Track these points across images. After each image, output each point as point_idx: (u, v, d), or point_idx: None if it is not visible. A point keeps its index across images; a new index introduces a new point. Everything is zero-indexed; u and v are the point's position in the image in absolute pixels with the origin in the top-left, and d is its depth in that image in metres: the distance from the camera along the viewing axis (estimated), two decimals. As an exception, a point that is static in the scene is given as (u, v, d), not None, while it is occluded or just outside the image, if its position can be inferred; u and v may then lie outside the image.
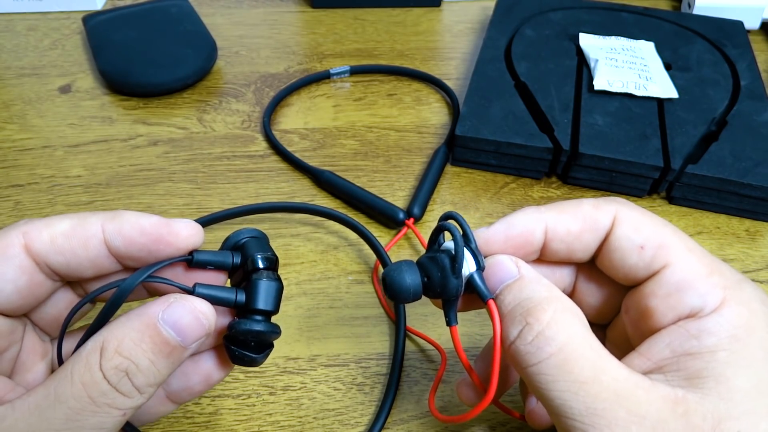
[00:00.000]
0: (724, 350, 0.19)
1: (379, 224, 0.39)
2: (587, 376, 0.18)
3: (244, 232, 0.23)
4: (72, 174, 0.42)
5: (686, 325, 0.20)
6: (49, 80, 0.50)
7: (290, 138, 0.45)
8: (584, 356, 0.19)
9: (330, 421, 0.30)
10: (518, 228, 0.22)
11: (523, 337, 0.19)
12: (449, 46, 0.55)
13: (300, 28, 0.57)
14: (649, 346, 0.20)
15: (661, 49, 0.48)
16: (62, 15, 0.58)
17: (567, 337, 0.19)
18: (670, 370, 0.19)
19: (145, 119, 0.47)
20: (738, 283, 0.20)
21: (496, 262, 0.22)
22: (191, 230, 0.22)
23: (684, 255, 0.21)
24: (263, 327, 0.22)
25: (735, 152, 0.39)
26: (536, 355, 0.19)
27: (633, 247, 0.21)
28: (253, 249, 0.23)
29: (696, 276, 0.20)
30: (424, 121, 0.47)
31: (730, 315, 0.19)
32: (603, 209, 0.22)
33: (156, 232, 0.21)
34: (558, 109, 0.42)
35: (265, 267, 0.22)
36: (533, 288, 0.20)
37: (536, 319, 0.19)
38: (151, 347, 0.19)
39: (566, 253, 0.23)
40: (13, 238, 0.20)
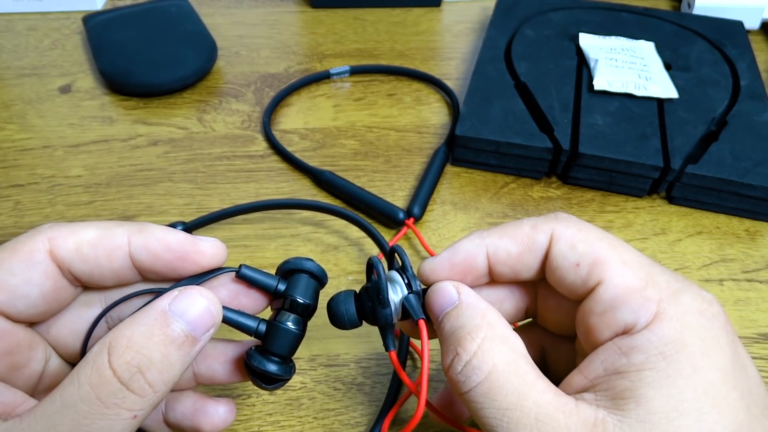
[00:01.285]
0: (650, 369, 0.19)
1: (379, 224, 0.39)
2: (510, 403, 0.19)
3: (304, 264, 0.23)
4: (72, 174, 0.42)
5: (619, 342, 0.20)
6: (49, 80, 0.50)
7: (290, 138, 0.45)
8: (508, 383, 0.19)
9: (330, 421, 0.30)
10: (461, 255, 0.23)
11: (453, 366, 0.20)
12: (449, 46, 0.55)
13: (300, 28, 0.57)
14: (587, 364, 0.20)
15: (661, 49, 0.48)
16: (62, 15, 0.58)
17: (492, 365, 0.20)
18: (600, 389, 0.19)
19: (145, 119, 0.47)
20: (674, 294, 0.20)
21: (438, 289, 0.22)
22: (216, 249, 0.22)
23: (618, 270, 0.20)
24: (272, 369, 0.22)
25: (735, 152, 0.39)
26: (466, 383, 0.20)
27: (569, 265, 0.21)
28: (298, 288, 0.23)
29: (629, 291, 0.20)
30: (424, 121, 0.47)
31: (660, 330, 0.19)
32: (540, 229, 0.22)
33: (182, 250, 0.21)
34: (558, 109, 0.42)
35: (296, 311, 0.23)
36: (468, 315, 0.21)
37: (464, 348, 0.20)
38: (162, 339, 0.19)
39: (512, 274, 0.23)
40: (38, 243, 0.21)
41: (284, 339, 0.22)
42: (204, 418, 0.24)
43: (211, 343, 0.24)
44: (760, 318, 0.34)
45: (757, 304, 0.35)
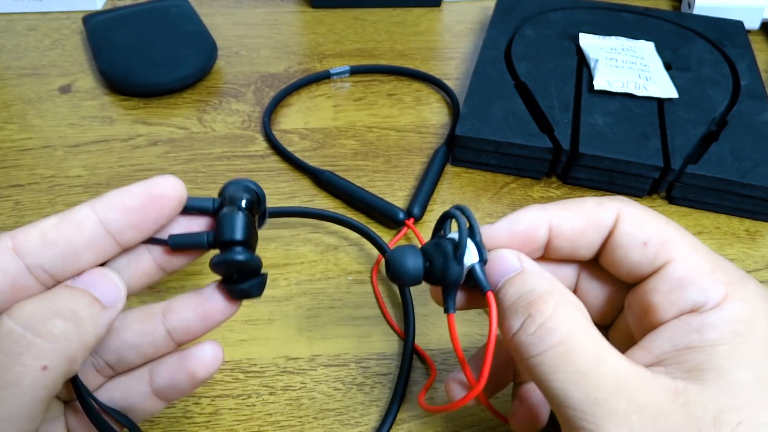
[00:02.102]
0: (725, 344, 0.19)
1: (379, 224, 0.39)
2: (588, 367, 0.19)
3: (233, 182, 0.22)
4: (72, 174, 0.42)
5: (688, 319, 0.20)
6: (49, 80, 0.50)
7: (290, 138, 0.45)
8: (586, 347, 0.19)
9: (330, 421, 0.30)
10: (523, 224, 0.22)
11: (525, 328, 0.20)
12: (449, 46, 0.55)
13: (300, 28, 0.57)
14: (651, 340, 0.20)
15: (661, 49, 0.48)
16: (62, 15, 0.58)
17: (569, 328, 0.19)
18: (671, 363, 0.19)
19: (145, 119, 0.47)
20: (740, 280, 0.20)
21: (499, 255, 0.22)
22: (175, 180, 0.21)
23: (687, 251, 0.21)
24: (235, 256, 0.21)
25: (735, 152, 0.39)
26: (538, 346, 0.19)
27: (636, 244, 0.21)
28: (228, 192, 0.22)
29: (698, 272, 0.20)
30: (424, 121, 0.47)
31: (731, 310, 0.19)
32: (606, 207, 0.22)
33: (147, 191, 0.21)
34: (558, 109, 0.42)
35: (232, 204, 0.22)
36: (535, 281, 0.21)
37: (538, 310, 0.20)
38: (67, 294, 0.19)
39: (570, 250, 0.23)
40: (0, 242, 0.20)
41: (231, 222, 0.21)
42: (194, 364, 0.23)
43: (178, 297, 0.23)
44: (760, 318, 0.34)
45: (757, 304, 0.35)
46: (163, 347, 0.23)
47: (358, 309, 0.34)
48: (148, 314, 0.23)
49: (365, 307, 0.35)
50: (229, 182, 0.23)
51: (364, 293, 0.35)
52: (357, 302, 0.35)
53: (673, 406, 0.18)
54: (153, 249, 0.22)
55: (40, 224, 0.20)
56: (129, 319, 0.23)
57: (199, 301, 0.23)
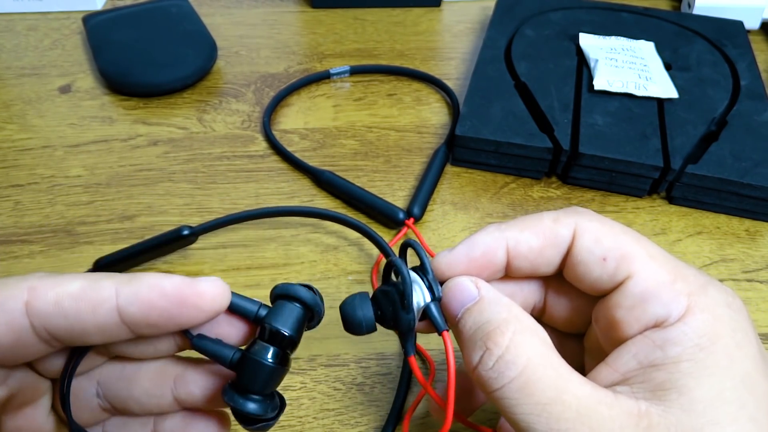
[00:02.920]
0: (688, 360, 0.19)
1: (379, 224, 0.39)
2: (549, 397, 0.18)
3: (292, 289, 0.21)
4: (72, 174, 0.42)
5: (652, 335, 0.20)
6: (49, 80, 0.50)
7: (290, 138, 0.45)
8: (545, 377, 0.19)
9: (330, 421, 0.30)
10: (480, 248, 0.22)
11: (484, 362, 0.19)
12: (449, 46, 0.55)
13: (300, 28, 0.57)
14: (616, 358, 0.20)
15: (661, 49, 0.48)
16: (62, 15, 0.58)
17: (527, 359, 0.19)
18: (636, 382, 0.19)
19: (145, 119, 0.47)
20: (702, 288, 0.20)
21: (456, 284, 0.21)
22: (217, 289, 0.19)
23: (646, 264, 0.20)
24: (250, 408, 0.20)
25: (735, 152, 0.39)
26: (498, 380, 0.19)
27: (595, 260, 0.21)
28: (278, 316, 0.20)
29: (659, 285, 0.20)
30: (424, 121, 0.47)
31: (694, 323, 0.19)
32: (563, 222, 0.22)
33: (179, 294, 0.19)
34: (558, 109, 0.42)
35: (273, 342, 0.20)
36: (492, 309, 0.20)
37: (495, 343, 0.19)
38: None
39: (530, 269, 0.22)
40: (17, 291, 0.19)
41: (258, 373, 0.20)
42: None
43: (192, 370, 0.22)
44: (760, 318, 0.34)
45: (757, 304, 0.35)
46: (167, 409, 0.23)
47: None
48: (161, 376, 0.22)
49: (365, 307, 0.35)
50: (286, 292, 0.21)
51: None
52: (357, 302, 0.35)
53: (635, 430, 0.18)
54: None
55: (62, 284, 0.19)
56: (142, 372, 0.22)
57: (211, 383, 0.22)
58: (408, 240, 0.23)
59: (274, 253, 0.37)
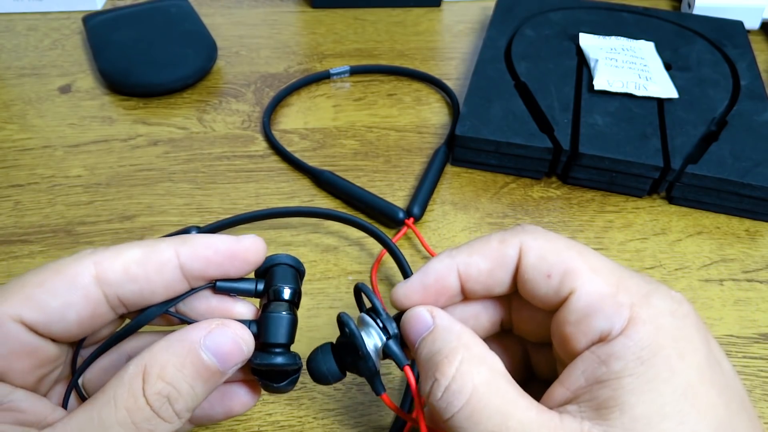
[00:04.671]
0: (630, 375, 0.19)
1: (379, 224, 0.39)
2: (494, 424, 0.19)
3: (279, 258, 0.23)
4: (72, 174, 0.42)
5: (597, 350, 0.20)
6: (49, 80, 0.50)
7: (290, 138, 0.45)
8: (490, 404, 0.19)
9: (330, 421, 0.30)
10: (432, 276, 0.23)
11: (433, 393, 0.20)
12: (449, 46, 0.55)
13: (300, 28, 0.57)
14: (567, 375, 0.20)
15: (661, 49, 0.48)
16: (62, 15, 0.58)
17: (472, 387, 0.19)
18: (584, 400, 0.19)
19: (145, 119, 0.47)
20: (645, 298, 0.20)
21: (413, 315, 0.22)
22: (258, 244, 0.22)
23: (589, 277, 0.20)
24: (279, 360, 0.22)
25: (735, 152, 0.39)
26: (447, 409, 0.19)
27: (541, 277, 0.21)
28: (277, 278, 0.23)
29: (602, 298, 0.20)
30: (424, 121, 0.47)
31: (635, 335, 0.19)
32: (509, 242, 0.22)
33: (230, 250, 0.22)
34: (558, 109, 0.42)
35: (282, 299, 0.23)
36: (443, 338, 0.21)
37: (442, 373, 0.20)
38: (192, 372, 0.20)
39: (484, 290, 0.23)
40: (84, 267, 0.21)
41: (278, 326, 0.22)
42: (232, 401, 0.24)
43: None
44: (760, 318, 0.34)
45: (757, 304, 0.35)
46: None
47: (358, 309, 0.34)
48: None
49: (365, 307, 0.35)
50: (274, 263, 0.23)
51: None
52: (357, 302, 0.35)
53: None
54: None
55: (123, 254, 0.21)
56: None
57: (224, 394, 0.24)
58: (358, 284, 0.24)
59: (274, 253, 0.37)
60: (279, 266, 0.23)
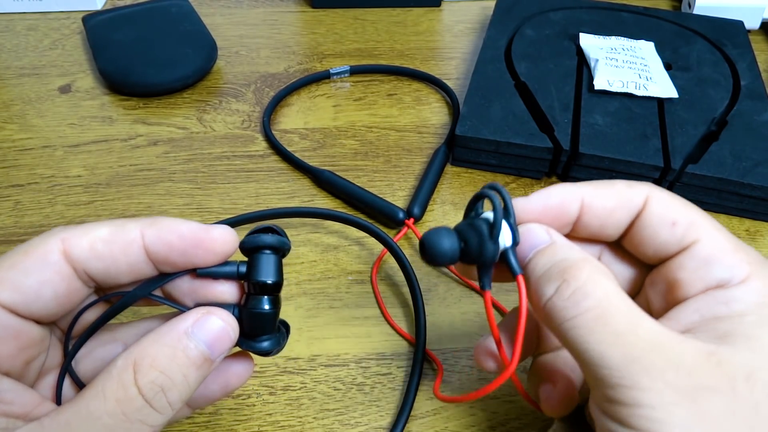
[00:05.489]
0: (752, 314, 0.20)
1: (379, 224, 0.39)
2: (624, 328, 0.19)
3: (261, 240, 0.22)
4: (72, 174, 0.42)
5: (715, 293, 0.21)
6: (49, 80, 0.50)
7: (290, 138, 0.45)
8: (621, 310, 0.19)
9: (330, 421, 0.30)
10: (556, 199, 0.23)
11: (560, 292, 0.20)
12: (449, 46, 0.55)
13: (300, 28, 0.57)
14: (678, 312, 0.21)
15: (661, 49, 0.48)
16: (62, 15, 0.58)
17: (604, 293, 0.20)
18: (700, 331, 0.20)
19: (145, 119, 0.47)
20: (761, 261, 0.21)
21: (528, 230, 0.22)
22: (228, 236, 0.22)
23: (712, 232, 0.22)
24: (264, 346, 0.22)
25: (735, 152, 0.39)
26: (573, 309, 0.20)
27: (665, 224, 0.22)
28: (259, 269, 0.22)
29: (724, 251, 0.21)
30: (424, 121, 0.47)
31: (756, 286, 0.20)
32: (636, 189, 0.23)
33: (195, 237, 0.21)
34: (558, 109, 0.42)
35: (263, 292, 0.22)
36: (567, 251, 0.21)
37: (573, 276, 0.20)
38: (184, 361, 0.20)
39: (598, 228, 0.23)
40: (52, 245, 0.21)
41: (260, 322, 0.22)
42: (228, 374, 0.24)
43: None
44: (761, 318, 0.34)
45: (758, 304, 0.35)
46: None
47: (358, 309, 0.34)
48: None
49: (365, 307, 0.35)
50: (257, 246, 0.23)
51: (364, 293, 0.35)
52: (357, 302, 0.35)
53: (707, 364, 0.19)
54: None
55: (91, 232, 0.21)
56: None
57: (218, 371, 0.24)
58: (493, 183, 0.23)
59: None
60: (262, 254, 0.23)
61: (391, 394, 0.31)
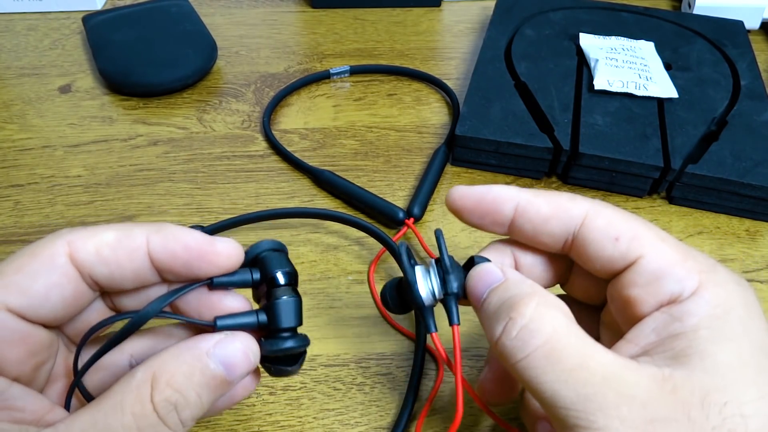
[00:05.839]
0: (706, 328, 0.19)
1: (379, 224, 0.39)
2: (575, 364, 0.19)
3: (263, 245, 0.23)
4: (72, 174, 0.42)
5: (669, 310, 0.20)
6: (49, 80, 0.50)
7: (290, 138, 0.45)
8: (570, 345, 0.19)
9: (330, 421, 0.30)
10: (492, 194, 0.23)
11: (507, 332, 0.20)
12: (449, 46, 0.55)
13: (300, 28, 0.57)
14: (636, 333, 0.21)
15: (661, 49, 0.48)
16: (62, 15, 0.58)
17: (551, 328, 0.19)
18: (656, 352, 0.20)
19: (145, 119, 0.47)
20: (712, 267, 0.21)
21: (483, 268, 0.23)
22: (232, 250, 0.22)
23: (658, 244, 0.21)
24: (291, 344, 0.22)
25: (735, 152, 0.39)
26: (522, 349, 0.19)
27: (608, 240, 0.22)
28: (272, 265, 0.23)
29: (671, 263, 0.21)
30: (424, 121, 0.47)
31: (708, 296, 0.20)
32: (577, 202, 0.23)
33: (199, 249, 0.21)
34: (558, 109, 0.42)
35: (284, 284, 0.23)
36: (517, 288, 0.21)
37: (519, 313, 0.20)
38: (200, 381, 0.20)
39: (531, 233, 0.23)
40: (58, 247, 0.21)
41: (287, 310, 0.22)
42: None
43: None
44: (760, 318, 0.34)
45: (757, 304, 0.35)
46: None
47: (358, 309, 0.34)
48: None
49: (365, 307, 0.35)
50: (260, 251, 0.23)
51: (364, 293, 0.35)
52: (357, 302, 0.35)
53: (661, 393, 0.18)
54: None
55: (98, 235, 0.21)
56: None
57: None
58: (436, 231, 0.24)
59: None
60: (267, 252, 0.23)
61: (391, 394, 0.31)
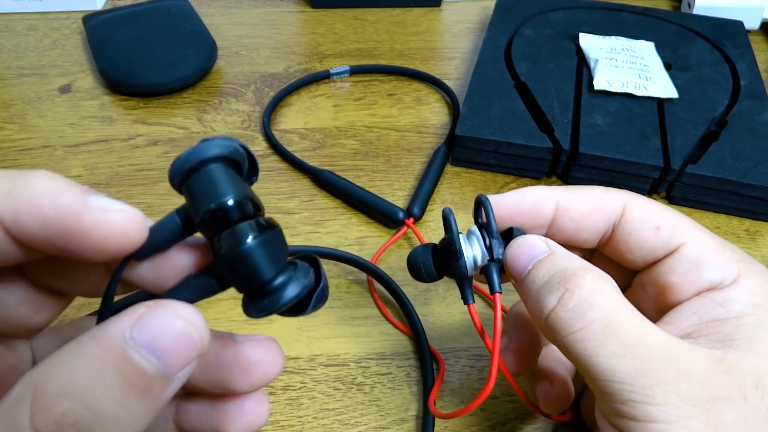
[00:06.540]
0: (751, 315, 0.20)
1: (379, 224, 0.39)
2: (633, 340, 0.19)
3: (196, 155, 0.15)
4: (72, 174, 0.42)
5: (709, 296, 0.21)
6: (49, 80, 0.50)
7: (290, 138, 0.45)
8: (628, 320, 0.19)
9: (330, 421, 0.30)
10: (530, 199, 0.23)
11: (564, 303, 0.19)
12: (449, 46, 0.55)
13: (300, 28, 0.57)
14: (675, 316, 0.21)
15: (661, 49, 0.48)
16: (62, 15, 0.58)
17: (610, 303, 0.19)
18: (702, 335, 0.20)
19: (145, 119, 0.47)
20: (748, 259, 0.22)
21: (526, 240, 0.22)
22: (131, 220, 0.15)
23: (698, 234, 0.22)
24: (288, 295, 0.16)
25: (735, 152, 0.39)
26: (578, 321, 0.19)
27: (649, 229, 0.22)
28: (205, 196, 0.15)
29: (712, 252, 0.21)
30: (424, 121, 0.47)
31: (749, 285, 0.20)
32: (614, 195, 0.23)
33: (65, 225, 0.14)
34: (558, 109, 0.42)
35: (237, 219, 0.15)
36: (567, 260, 0.21)
37: (576, 285, 0.19)
38: (118, 382, 0.13)
39: (573, 231, 0.23)
40: None
41: (248, 262, 0.15)
42: (228, 417, 0.18)
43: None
44: (760, 318, 0.34)
45: (757, 304, 0.35)
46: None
47: (358, 309, 0.34)
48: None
49: (365, 307, 0.35)
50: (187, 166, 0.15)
51: (364, 293, 0.35)
52: (357, 302, 0.35)
53: (717, 372, 0.18)
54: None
55: None
56: None
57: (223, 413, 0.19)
58: (480, 196, 0.23)
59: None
60: (198, 173, 0.15)
61: (391, 394, 0.31)
